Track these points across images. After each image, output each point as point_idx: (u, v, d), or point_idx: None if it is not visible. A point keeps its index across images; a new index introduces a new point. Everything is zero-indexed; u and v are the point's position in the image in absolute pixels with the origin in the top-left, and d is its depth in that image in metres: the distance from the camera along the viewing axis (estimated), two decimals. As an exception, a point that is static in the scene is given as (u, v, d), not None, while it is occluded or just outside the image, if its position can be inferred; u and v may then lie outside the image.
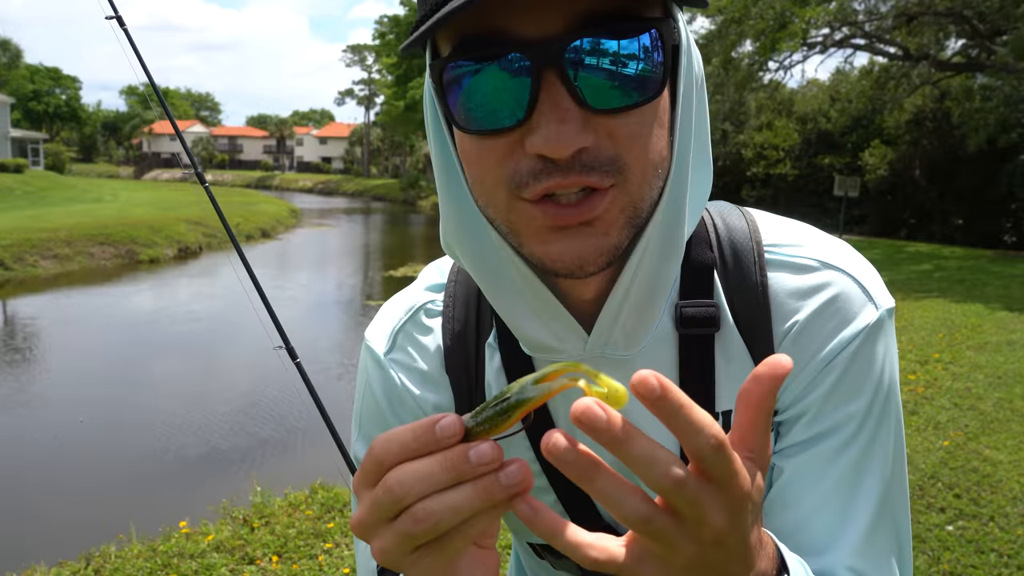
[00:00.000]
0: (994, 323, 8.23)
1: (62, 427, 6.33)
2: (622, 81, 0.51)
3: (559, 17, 0.49)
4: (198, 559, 3.29)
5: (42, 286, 13.54)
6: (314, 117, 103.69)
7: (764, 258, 0.66)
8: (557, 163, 0.51)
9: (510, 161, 0.53)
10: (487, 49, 0.50)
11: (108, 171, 69.50)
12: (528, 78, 0.50)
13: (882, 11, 17.52)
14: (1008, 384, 5.75)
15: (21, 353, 9.24)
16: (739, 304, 0.65)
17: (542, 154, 0.51)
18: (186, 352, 9.25)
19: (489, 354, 0.71)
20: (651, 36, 0.51)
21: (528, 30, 0.50)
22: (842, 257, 0.66)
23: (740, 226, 0.68)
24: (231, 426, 6.30)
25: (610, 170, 0.52)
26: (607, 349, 0.63)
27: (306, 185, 59.64)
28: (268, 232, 22.62)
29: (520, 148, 0.52)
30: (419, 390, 0.73)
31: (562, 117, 0.49)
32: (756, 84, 20.39)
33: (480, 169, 0.55)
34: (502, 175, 0.53)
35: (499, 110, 0.51)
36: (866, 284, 0.64)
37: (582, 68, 0.49)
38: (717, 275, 0.66)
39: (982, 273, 12.78)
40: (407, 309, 0.75)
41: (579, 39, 0.49)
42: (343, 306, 13.06)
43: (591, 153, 0.51)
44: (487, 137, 0.53)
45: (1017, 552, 3.24)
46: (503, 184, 0.54)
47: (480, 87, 0.51)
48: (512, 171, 0.53)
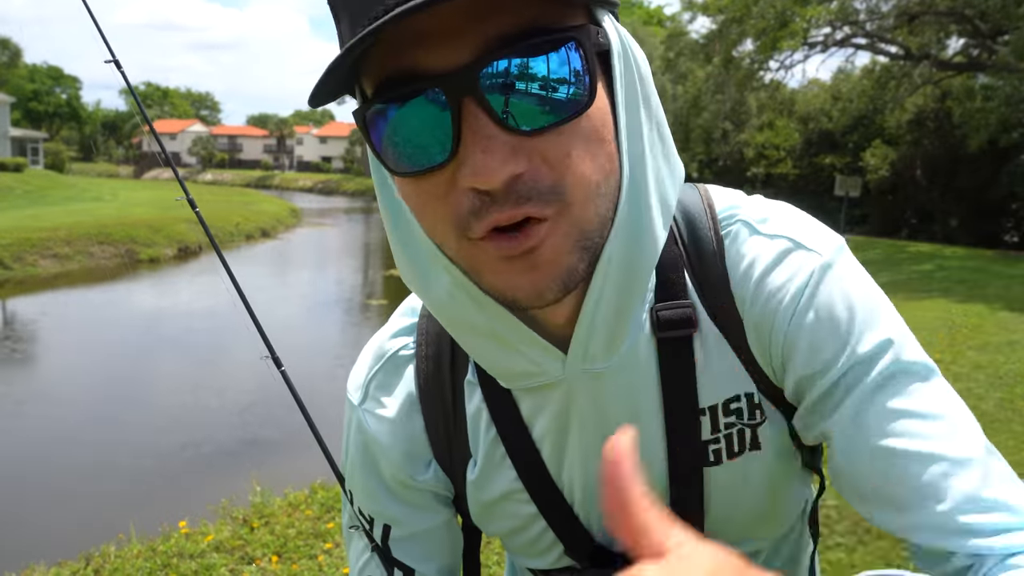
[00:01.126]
0: (995, 323, 8.22)
1: (62, 427, 6.33)
2: (545, 98, 0.49)
3: (471, 43, 0.48)
4: (198, 559, 3.29)
5: (41, 286, 13.54)
6: (314, 116, 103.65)
7: (723, 243, 0.65)
8: (493, 196, 0.49)
9: (450, 201, 0.51)
10: (403, 88, 0.49)
11: (108, 170, 69.57)
12: (448, 111, 0.48)
13: (883, 10, 17.51)
14: (1009, 384, 5.74)
15: (20, 353, 9.24)
16: (710, 296, 0.64)
17: (474, 187, 0.49)
18: (186, 352, 9.24)
19: (468, 391, 0.70)
20: (570, 47, 0.49)
21: (443, 61, 0.48)
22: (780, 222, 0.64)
23: (698, 212, 0.67)
24: (231, 426, 6.30)
25: (550, 199, 0.50)
26: (585, 365, 0.62)
27: (306, 185, 59.66)
28: (268, 232, 22.63)
29: (455, 185, 0.50)
30: (388, 440, 0.72)
31: (487, 146, 0.48)
32: (757, 83, 20.40)
33: (423, 212, 0.54)
34: (446, 217, 0.52)
35: (427, 148, 0.50)
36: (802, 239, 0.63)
37: (501, 91, 0.48)
38: (686, 271, 0.65)
39: (983, 273, 12.77)
40: (378, 357, 0.74)
41: (492, 62, 0.47)
42: (343, 305, 13.06)
43: (527, 181, 0.49)
44: (421, 178, 0.52)
45: (1019, 553, 3.23)
46: (449, 225, 0.52)
47: (404, 127, 0.50)
48: (454, 213, 0.51)
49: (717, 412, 0.65)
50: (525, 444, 0.68)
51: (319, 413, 1.48)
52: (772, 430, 0.67)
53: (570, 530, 0.71)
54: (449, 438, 0.71)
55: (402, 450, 0.73)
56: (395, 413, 0.72)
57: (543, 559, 0.74)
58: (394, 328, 0.75)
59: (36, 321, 11.18)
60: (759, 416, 0.66)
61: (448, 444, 0.72)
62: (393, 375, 0.73)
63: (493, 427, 0.69)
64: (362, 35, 0.45)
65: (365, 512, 0.76)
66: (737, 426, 0.66)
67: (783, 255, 0.63)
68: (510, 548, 0.77)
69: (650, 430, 0.66)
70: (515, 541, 0.75)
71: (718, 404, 0.65)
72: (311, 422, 0.88)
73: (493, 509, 0.72)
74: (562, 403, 0.65)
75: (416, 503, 0.75)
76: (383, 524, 0.75)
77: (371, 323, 11.39)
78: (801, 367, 0.62)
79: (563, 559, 0.73)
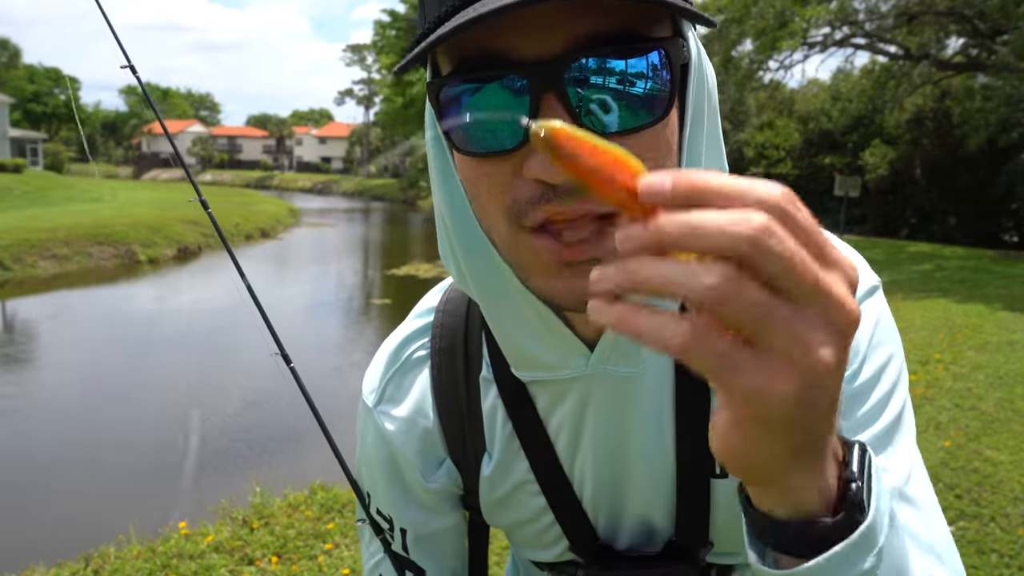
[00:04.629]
0: (995, 323, 8.22)
1: (61, 427, 6.32)
2: (626, 103, 0.49)
3: (561, 37, 0.48)
4: (197, 560, 3.29)
5: (41, 286, 13.53)
6: (313, 117, 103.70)
7: None
8: (556, 189, 0.49)
9: (510, 188, 0.51)
10: (486, 70, 0.49)
11: (107, 171, 69.51)
12: (527, 99, 0.48)
13: (883, 10, 17.52)
14: (1009, 384, 5.74)
15: (20, 353, 9.23)
16: None
17: (540, 179, 0.48)
18: (186, 352, 9.24)
19: (484, 388, 0.71)
20: (657, 56, 0.49)
21: (529, 50, 0.48)
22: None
23: None
24: (231, 426, 6.30)
25: None
26: (608, 366, 0.63)
27: (305, 185, 59.64)
28: (268, 232, 22.61)
29: (519, 174, 0.50)
30: (403, 439, 0.74)
31: None
32: (756, 83, 20.40)
33: (480, 194, 0.54)
34: (502, 204, 0.52)
35: (498, 132, 0.50)
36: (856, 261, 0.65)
37: (583, 89, 0.48)
38: None
39: (983, 273, 12.77)
40: (393, 360, 0.76)
41: (580, 59, 0.47)
42: (344, 305, 13.06)
43: None
44: (486, 160, 0.52)
45: (1018, 553, 3.23)
46: (503, 214, 0.52)
47: (479, 108, 0.50)
48: (512, 199, 0.51)
49: None
50: (540, 438, 0.69)
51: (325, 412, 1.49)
52: None
53: (577, 525, 0.72)
54: (464, 434, 0.73)
55: (416, 448, 0.74)
56: (410, 412, 0.74)
57: (548, 552, 0.76)
58: (409, 330, 0.76)
59: (35, 321, 11.18)
60: None
61: (463, 440, 0.73)
62: (408, 376, 0.74)
63: (509, 422, 0.70)
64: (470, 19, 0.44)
65: (384, 512, 0.78)
66: None
67: None
68: (516, 540, 0.79)
69: (661, 436, 0.67)
70: (522, 533, 0.76)
71: None
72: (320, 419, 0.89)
73: (505, 501, 0.73)
74: (579, 400, 0.66)
75: (431, 506, 0.76)
76: (400, 527, 0.77)
77: (373, 323, 11.39)
78: None
79: (567, 553, 0.74)
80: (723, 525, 0.70)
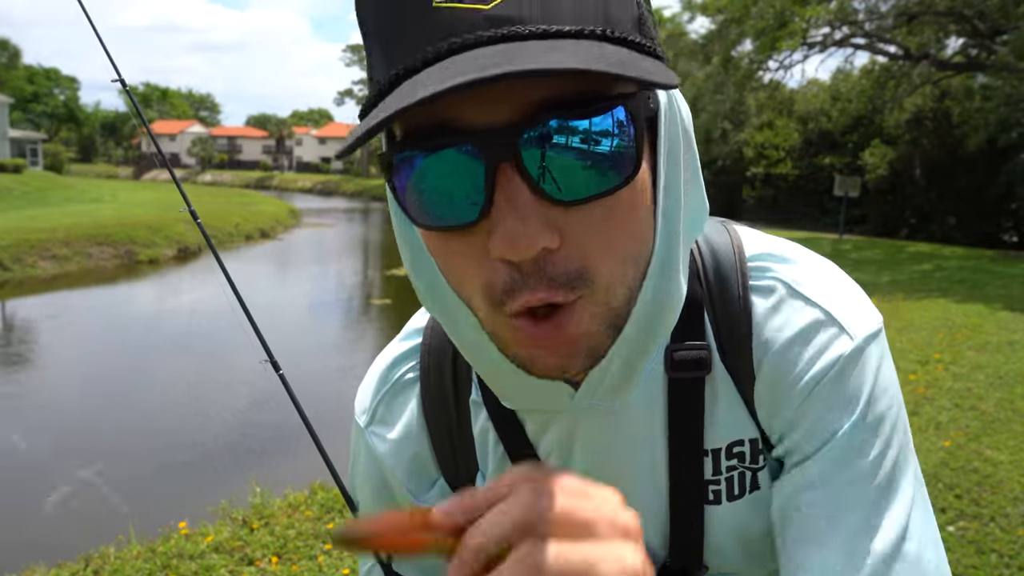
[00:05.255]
0: (995, 323, 8.22)
1: (61, 427, 6.32)
2: (587, 168, 0.46)
3: (514, 105, 0.45)
4: (197, 560, 3.28)
5: (41, 287, 13.53)
6: (313, 117, 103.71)
7: (748, 287, 0.64)
8: (523, 270, 0.47)
9: (483, 268, 0.49)
10: (437, 138, 0.46)
11: (107, 171, 69.52)
12: (482, 170, 0.45)
13: (882, 10, 17.53)
14: (1009, 384, 5.74)
15: (19, 354, 9.23)
16: (726, 340, 0.64)
17: (505, 259, 0.47)
18: (186, 352, 9.24)
19: (474, 411, 0.71)
20: (619, 114, 0.46)
21: (480, 119, 0.45)
22: (820, 287, 0.63)
23: (725, 250, 0.66)
24: (230, 426, 6.30)
25: (576, 284, 0.48)
26: (594, 401, 0.61)
27: (305, 185, 59.66)
28: (267, 232, 22.62)
29: (486, 251, 0.48)
30: (394, 460, 0.74)
31: (522, 215, 0.45)
32: (756, 84, 20.41)
33: (450, 268, 0.52)
34: (477, 283, 0.50)
35: (456, 203, 0.47)
36: (840, 315, 0.61)
37: (540, 158, 0.45)
38: (706, 311, 0.64)
39: (983, 273, 12.77)
40: (384, 379, 0.75)
41: (535, 125, 0.44)
42: (344, 305, 13.06)
43: (557, 264, 0.47)
44: (450, 236, 0.49)
45: (1018, 553, 3.23)
46: (479, 293, 0.50)
47: (432, 177, 0.47)
48: (487, 283, 0.49)
49: (720, 455, 0.65)
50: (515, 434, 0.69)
51: (322, 415, 1.49)
52: (772, 475, 0.67)
53: None
54: (455, 454, 0.73)
55: (407, 468, 0.74)
56: (400, 434, 0.73)
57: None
58: (398, 351, 0.76)
59: (35, 321, 11.17)
60: (761, 461, 0.66)
61: (454, 460, 0.73)
62: (398, 398, 0.74)
63: (500, 445, 0.70)
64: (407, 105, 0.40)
65: None
66: (739, 469, 0.66)
67: (814, 328, 0.61)
68: None
69: (654, 465, 0.66)
70: None
71: (722, 447, 0.65)
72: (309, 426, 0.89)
73: None
74: (566, 429, 0.66)
75: None
76: None
77: (373, 323, 11.39)
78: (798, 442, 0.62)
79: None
80: (718, 548, 0.70)
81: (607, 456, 0.66)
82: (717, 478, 0.66)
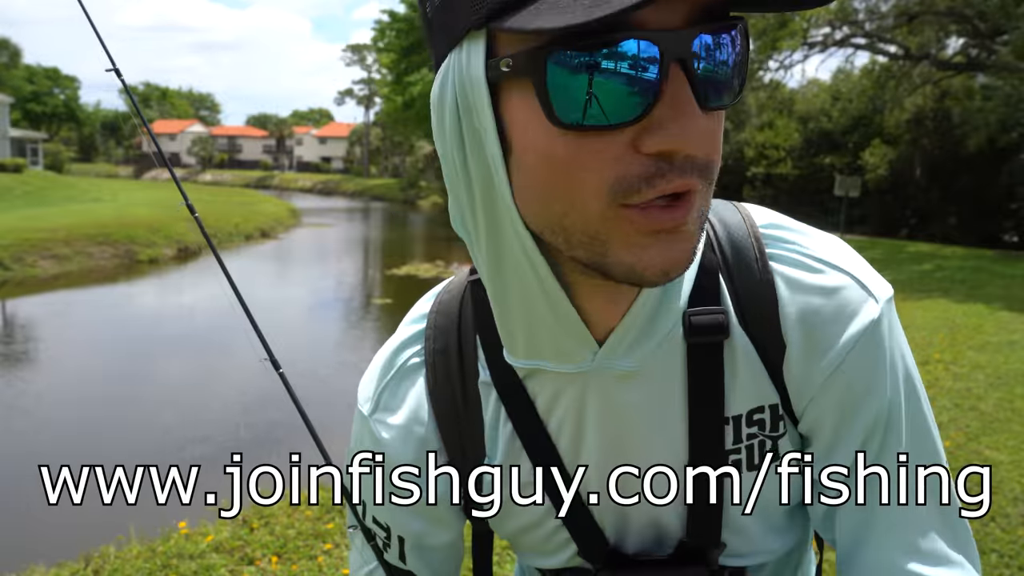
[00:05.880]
0: (995, 323, 8.22)
1: (61, 426, 6.32)
2: (727, 79, 0.49)
3: (684, 10, 0.47)
4: (197, 560, 3.29)
5: (41, 286, 13.53)
6: (313, 117, 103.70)
7: (766, 254, 0.64)
8: (672, 164, 0.48)
9: (619, 163, 0.48)
10: (604, 34, 0.45)
11: (107, 171, 69.54)
12: (655, 69, 0.46)
13: (883, 10, 17.52)
14: (1009, 384, 5.74)
15: (19, 353, 9.24)
16: (746, 305, 0.63)
17: (665, 152, 0.47)
18: (186, 352, 9.24)
19: (483, 392, 0.69)
20: (741, 32, 0.50)
21: (654, 19, 0.46)
22: (838, 254, 0.64)
23: (736, 221, 0.66)
24: (230, 426, 6.30)
25: (705, 174, 0.50)
26: (614, 359, 0.61)
27: (305, 185, 59.63)
28: (267, 232, 22.61)
29: (630, 150, 0.48)
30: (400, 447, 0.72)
31: (691, 112, 0.47)
32: (756, 83, 20.40)
33: (573, 170, 0.49)
34: (604, 181, 0.48)
35: (622, 102, 0.46)
36: (863, 279, 0.63)
37: (703, 62, 0.47)
38: (722, 278, 0.64)
39: (983, 273, 12.77)
40: (388, 368, 0.73)
41: (705, 32, 0.47)
42: (344, 304, 13.06)
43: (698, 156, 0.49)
44: (595, 135, 0.47)
45: (1018, 553, 3.23)
46: (603, 191, 0.48)
47: (602, 76, 0.46)
48: (621, 176, 0.48)
49: (740, 422, 0.64)
50: (542, 440, 0.67)
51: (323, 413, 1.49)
52: (791, 443, 0.66)
53: (583, 529, 0.70)
54: (463, 440, 0.71)
55: (414, 456, 0.72)
56: (406, 419, 0.72)
57: (554, 558, 0.73)
58: (403, 337, 0.74)
59: (34, 321, 11.18)
60: (781, 428, 0.65)
61: (462, 446, 0.71)
62: (404, 385, 0.73)
63: (509, 423, 0.68)
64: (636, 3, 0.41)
65: (381, 520, 0.76)
66: (759, 437, 0.65)
67: (841, 290, 0.62)
68: (521, 547, 0.77)
69: (673, 435, 0.65)
70: (527, 539, 0.74)
71: (742, 414, 0.64)
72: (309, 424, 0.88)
73: (508, 506, 0.71)
74: (579, 397, 0.64)
75: (430, 516, 0.74)
76: (398, 536, 0.75)
77: (374, 322, 11.39)
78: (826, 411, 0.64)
79: (575, 559, 0.72)
80: (736, 525, 0.68)
81: (623, 427, 0.65)
82: (738, 446, 0.65)
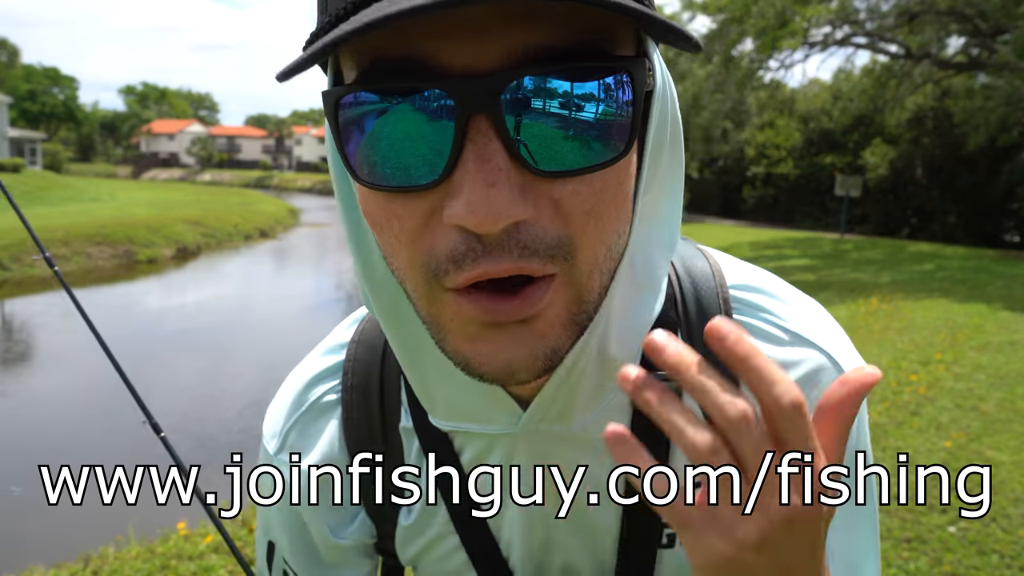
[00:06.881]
0: (996, 323, 8.21)
1: (61, 426, 6.32)
2: (578, 136, 0.39)
3: (498, 47, 0.37)
4: (196, 560, 3.28)
5: (39, 286, 13.53)
6: (313, 117, 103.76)
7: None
8: (485, 242, 0.39)
9: (425, 236, 0.41)
10: (398, 80, 0.39)
11: (106, 171, 69.54)
12: (451, 123, 0.38)
13: (883, 10, 17.51)
14: (1010, 385, 5.73)
15: (18, 353, 9.23)
16: None
17: (463, 227, 0.39)
18: (185, 351, 9.24)
19: (405, 438, 0.63)
20: (619, 80, 0.40)
21: (457, 61, 0.38)
22: (813, 327, 0.59)
23: (705, 277, 0.59)
24: (230, 425, 6.29)
25: (555, 255, 0.41)
26: (543, 425, 0.53)
27: (305, 185, 59.61)
28: (267, 232, 22.62)
29: (437, 217, 0.40)
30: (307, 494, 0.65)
31: (492, 179, 0.38)
32: (757, 83, 20.39)
33: (387, 237, 0.43)
34: (416, 255, 0.42)
35: (410, 162, 0.40)
36: (836, 355, 0.58)
37: (524, 115, 0.38)
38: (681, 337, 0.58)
39: (984, 273, 12.76)
40: (299, 402, 0.65)
41: (521, 76, 0.37)
42: (345, 304, 13.06)
43: (531, 230, 0.40)
44: (395, 198, 0.41)
45: (1019, 553, 3.22)
46: (417, 267, 0.42)
47: (388, 130, 0.40)
48: (427, 252, 0.41)
49: None
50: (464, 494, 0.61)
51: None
52: None
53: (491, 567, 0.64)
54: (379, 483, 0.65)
55: (325, 502, 0.65)
56: (316, 462, 0.65)
57: None
58: (316, 369, 0.66)
59: (34, 321, 11.17)
60: None
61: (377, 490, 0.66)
62: (315, 424, 0.65)
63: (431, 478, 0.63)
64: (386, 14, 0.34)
65: (291, 566, 0.70)
66: None
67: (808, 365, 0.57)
68: None
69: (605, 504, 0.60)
70: None
71: None
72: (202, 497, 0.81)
73: (424, 553, 0.67)
74: (506, 457, 0.58)
75: (339, 561, 0.69)
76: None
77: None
78: None
79: None
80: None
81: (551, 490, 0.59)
82: None
